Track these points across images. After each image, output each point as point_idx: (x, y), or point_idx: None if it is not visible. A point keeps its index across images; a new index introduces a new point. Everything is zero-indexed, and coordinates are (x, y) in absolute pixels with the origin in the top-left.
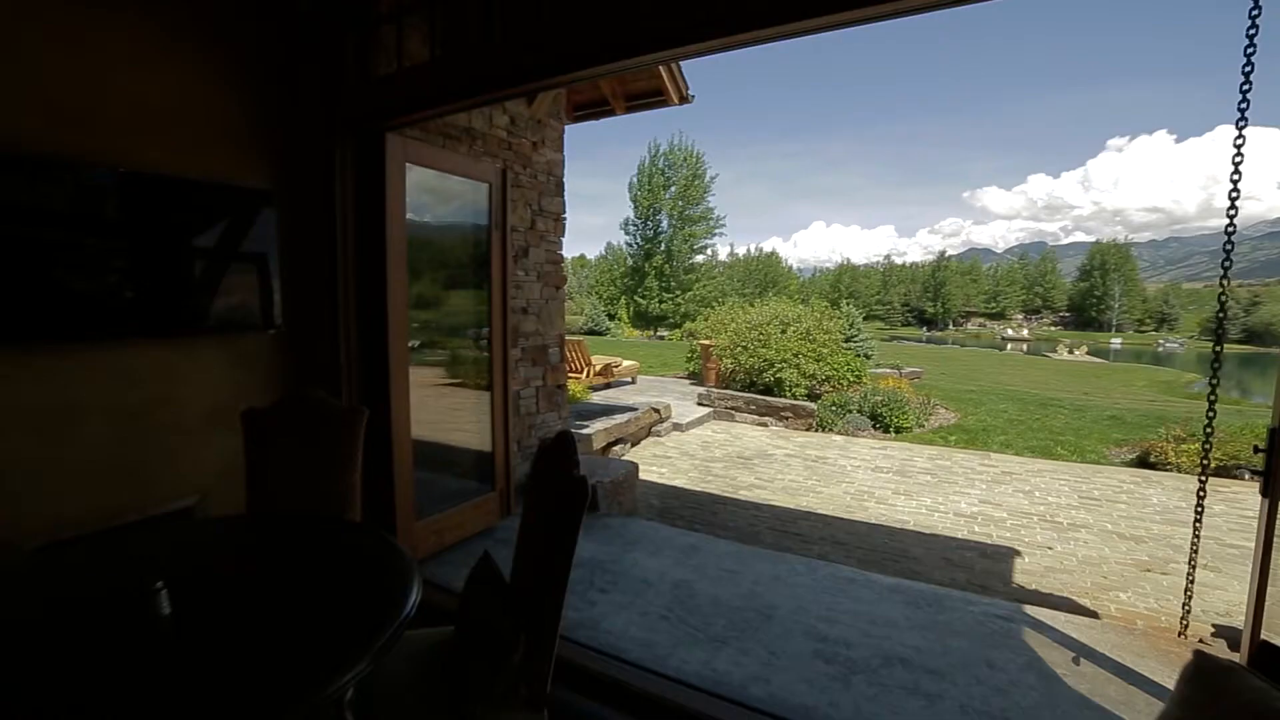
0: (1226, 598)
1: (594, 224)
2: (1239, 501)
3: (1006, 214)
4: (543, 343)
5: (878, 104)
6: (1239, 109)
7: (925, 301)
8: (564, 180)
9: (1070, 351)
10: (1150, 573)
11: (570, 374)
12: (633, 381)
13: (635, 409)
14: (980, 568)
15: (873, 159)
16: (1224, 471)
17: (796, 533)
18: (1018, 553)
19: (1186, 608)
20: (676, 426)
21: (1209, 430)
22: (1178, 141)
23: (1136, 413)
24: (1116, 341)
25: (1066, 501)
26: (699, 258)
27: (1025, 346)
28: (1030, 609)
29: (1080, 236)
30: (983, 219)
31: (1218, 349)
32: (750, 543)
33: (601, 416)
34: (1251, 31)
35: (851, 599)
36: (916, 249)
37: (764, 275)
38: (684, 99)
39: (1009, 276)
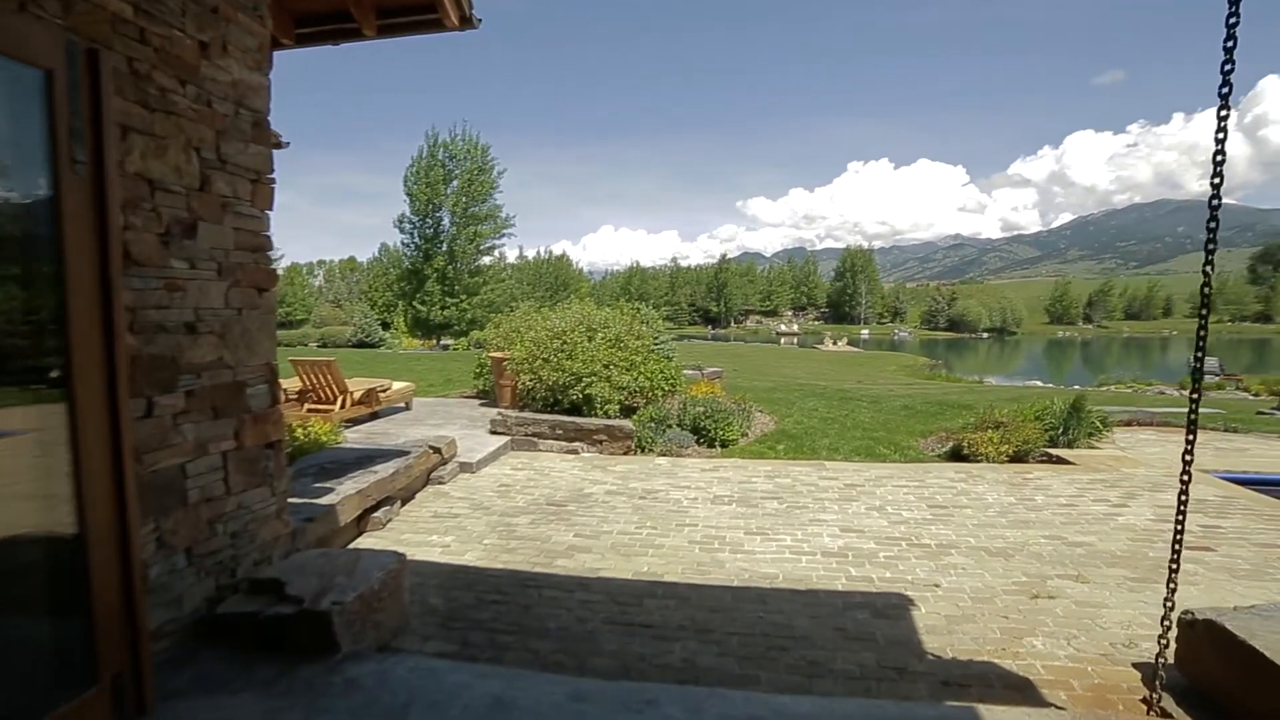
0: (1118, 616)
1: (368, 224)
2: (1049, 489)
3: (774, 222)
4: (233, 379)
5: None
6: (1220, 93)
7: (709, 301)
8: (269, 121)
9: (834, 343)
10: (1039, 599)
11: (317, 407)
12: (407, 407)
13: (408, 451)
14: (883, 636)
15: (659, 167)
16: (1018, 458)
17: (646, 624)
18: (911, 601)
19: (1159, 678)
20: (465, 467)
21: (1189, 453)
22: (895, 168)
23: (919, 399)
24: (865, 332)
25: (920, 515)
26: (486, 259)
27: (796, 340)
28: (985, 710)
29: (831, 243)
30: (754, 226)
31: (1199, 356)
32: (587, 658)
33: (357, 469)
34: (1232, 20)
35: None
36: (698, 253)
37: (555, 278)
38: (466, 20)
39: (780, 278)
